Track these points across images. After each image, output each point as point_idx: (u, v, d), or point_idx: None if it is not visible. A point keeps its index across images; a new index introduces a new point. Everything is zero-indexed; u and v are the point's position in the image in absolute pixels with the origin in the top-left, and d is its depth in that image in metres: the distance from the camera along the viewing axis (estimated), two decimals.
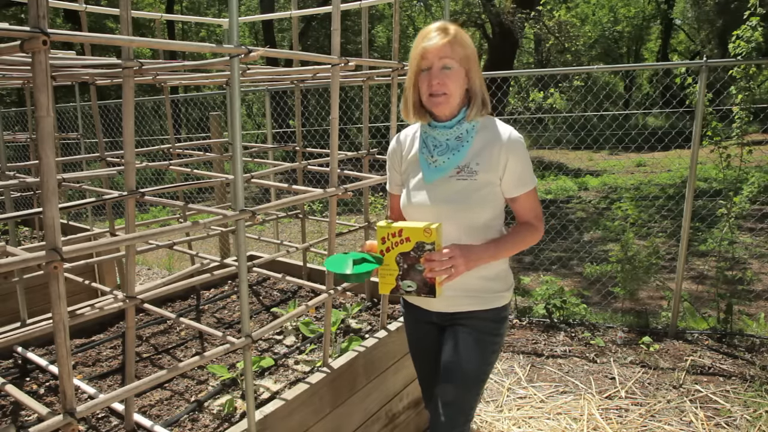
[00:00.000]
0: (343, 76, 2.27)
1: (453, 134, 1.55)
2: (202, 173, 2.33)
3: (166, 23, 18.42)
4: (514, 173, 1.52)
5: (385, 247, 1.45)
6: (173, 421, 1.77)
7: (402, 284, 1.46)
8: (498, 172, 1.52)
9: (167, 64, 1.79)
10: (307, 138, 10.03)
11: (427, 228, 1.40)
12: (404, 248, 1.43)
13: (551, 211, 7.67)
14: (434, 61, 1.48)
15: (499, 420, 2.75)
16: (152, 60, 1.84)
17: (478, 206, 1.52)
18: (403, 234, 1.43)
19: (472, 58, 1.51)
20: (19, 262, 0.96)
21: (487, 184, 1.52)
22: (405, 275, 1.45)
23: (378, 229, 1.46)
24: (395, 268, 1.46)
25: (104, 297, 2.34)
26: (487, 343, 1.63)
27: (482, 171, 1.52)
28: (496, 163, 1.51)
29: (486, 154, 1.52)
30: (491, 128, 1.56)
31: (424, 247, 1.41)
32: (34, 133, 3.19)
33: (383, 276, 1.48)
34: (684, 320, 3.82)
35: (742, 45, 3.42)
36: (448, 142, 1.56)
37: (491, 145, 1.52)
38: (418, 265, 1.43)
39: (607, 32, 23.03)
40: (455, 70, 1.48)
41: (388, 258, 1.46)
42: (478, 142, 1.55)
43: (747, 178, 3.70)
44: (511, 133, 1.54)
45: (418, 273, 1.43)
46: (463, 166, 1.54)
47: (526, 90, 14.85)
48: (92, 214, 4.99)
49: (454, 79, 1.49)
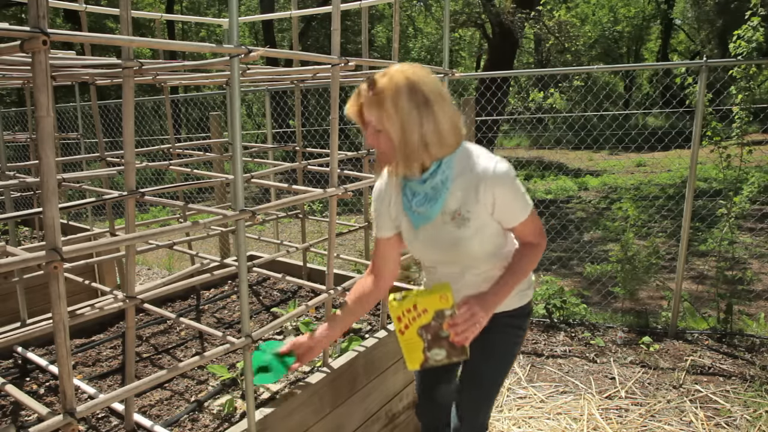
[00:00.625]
0: (343, 76, 2.27)
1: (428, 185, 1.46)
2: (202, 173, 2.33)
3: (166, 23, 18.42)
4: (505, 208, 1.45)
5: (403, 324, 1.41)
6: (173, 421, 1.77)
7: (430, 355, 1.43)
8: (488, 210, 1.45)
9: (167, 64, 1.79)
10: (307, 138, 10.03)
11: (442, 294, 1.37)
12: (424, 320, 1.39)
13: (551, 211, 7.67)
14: (359, 122, 1.41)
15: (499, 420, 2.75)
16: (152, 60, 1.84)
17: (481, 246, 1.50)
18: (419, 307, 1.38)
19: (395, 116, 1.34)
20: (19, 262, 0.96)
21: (482, 226, 1.47)
22: (431, 345, 1.41)
23: (391, 309, 1.41)
24: (419, 342, 1.42)
25: (104, 297, 2.34)
26: (510, 336, 1.66)
27: (474, 217, 1.45)
28: (483, 204, 1.43)
29: (472, 198, 1.43)
30: (472, 167, 1.43)
31: (444, 313, 1.38)
32: (34, 133, 3.19)
33: (409, 352, 1.44)
34: (684, 320, 3.82)
35: (743, 45, 3.42)
36: (426, 194, 1.47)
37: (474, 187, 1.42)
38: (442, 332, 1.40)
39: (607, 32, 23.02)
40: (383, 132, 1.37)
41: (409, 334, 1.41)
42: (459, 187, 1.44)
43: (747, 178, 3.70)
44: (495, 168, 1.41)
45: (444, 339, 1.40)
46: (454, 212, 1.46)
47: (526, 90, 14.86)
48: (92, 214, 4.98)
49: (382, 141, 1.39)
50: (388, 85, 1.34)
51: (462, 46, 22.10)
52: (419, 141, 1.37)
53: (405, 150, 1.37)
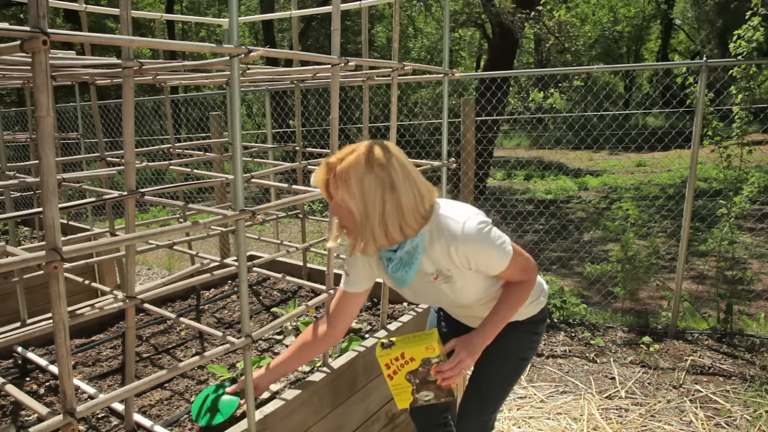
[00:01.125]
0: (343, 76, 2.27)
1: (399, 255, 1.45)
2: (202, 173, 2.33)
3: (166, 23, 18.42)
4: (483, 264, 1.44)
5: (392, 370, 1.45)
6: (173, 421, 1.77)
7: (419, 396, 1.47)
8: (467, 267, 1.44)
9: (167, 64, 1.79)
10: (307, 138, 10.03)
11: (429, 345, 1.40)
12: (411, 367, 1.43)
13: (551, 211, 7.68)
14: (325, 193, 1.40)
15: (499, 420, 2.75)
16: (152, 60, 1.84)
17: (469, 294, 1.52)
18: (407, 356, 1.42)
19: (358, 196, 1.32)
20: (19, 262, 0.96)
21: (467, 280, 1.48)
22: (419, 388, 1.46)
23: (379, 358, 1.45)
24: (408, 385, 1.47)
25: (104, 297, 2.34)
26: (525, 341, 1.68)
27: (456, 275, 1.46)
28: (461, 264, 1.43)
29: (447, 260, 1.43)
30: (440, 230, 1.41)
31: (431, 361, 1.42)
32: (34, 133, 3.19)
33: (398, 394, 1.49)
34: (684, 320, 3.82)
35: (743, 45, 3.42)
36: (401, 258, 1.45)
37: (446, 251, 1.41)
38: (429, 377, 1.44)
39: (607, 32, 23.02)
40: (343, 208, 1.36)
41: (397, 379, 1.46)
42: (431, 254, 1.43)
43: (747, 178, 3.70)
44: (464, 227, 1.38)
45: (432, 383, 1.44)
46: (436, 272, 1.47)
47: (526, 90, 14.86)
48: (92, 214, 4.98)
49: (344, 216, 1.37)
50: (355, 162, 1.32)
51: (462, 46, 22.09)
52: (379, 224, 1.35)
53: (364, 230, 1.36)
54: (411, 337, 1.46)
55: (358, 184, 1.31)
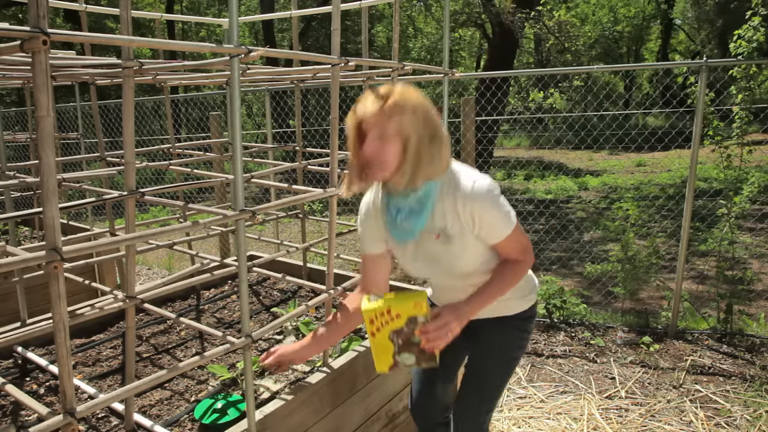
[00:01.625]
0: (343, 76, 2.27)
1: (413, 198, 1.47)
2: (202, 173, 2.33)
3: (166, 23, 18.42)
4: (487, 226, 1.45)
5: (375, 327, 1.40)
6: (173, 421, 1.77)
7: (400, 359, 1.43)
8: (471, 228, 1.46)
9: (167, 64, 1.79)
10: (307, 138, 10.03)
11: (417, 302, 1.36)
12: (396, 325, 1.39)
13: (551, 211, 7.68)
14: (369, 129, 1.38)
15: (499, 420, 2.75)
16: (152, 60, 1.84)
17: (468, 264, 1.52)
18: (393, 311, 1.38)
19: (412, 125, 1.37)
20: (19, 262, 0.96)
21: (466, 244, 1.48)
22: (401, 350, 1.42)
23: (364, 312, 1.41)
24: (390, 346, 1.42)
25: (104, 297, 2.34)
26: (514, 339, 1.67)
27: (457, 234, 1.46)
28: (466, 222, 1.45)
29: (454, 215, 1.45)
30: (455, 186, 1.45)
31: (417, 320, 1.38)
32: (34, 133, 3.19)
33: (378, 355, 1.44)
34: (684, 320, 3.82)
35: (744, 45, 3.42)
36: (411, 207, 1.48)
37: (454, 205, 1.44)
38: (414, 338, 1.40)
39: (607, 32, 23.02)
40: (391, 140, 1.37)
41: (380, 337, 1.41)
42: (441, 204, 1.47)
43: (747, 178, 3.70)
44: (474, 186, 1.43)
45: (415, 345, 1.40)
46: (440, 230, 1.48)
47: (526, 90, 14.85)
48: (92, 214, 4.98)
49: (390, 150, 1.38)
50: (408, 96, 1.38)
51: (462, 46, 22.09)
52: (427, 153, 1.40)
53: (415, 160, 1.39)
54: (399, 295, 1.42)
55: (413, 112, 1.37)
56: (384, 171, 1.41)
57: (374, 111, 1.37)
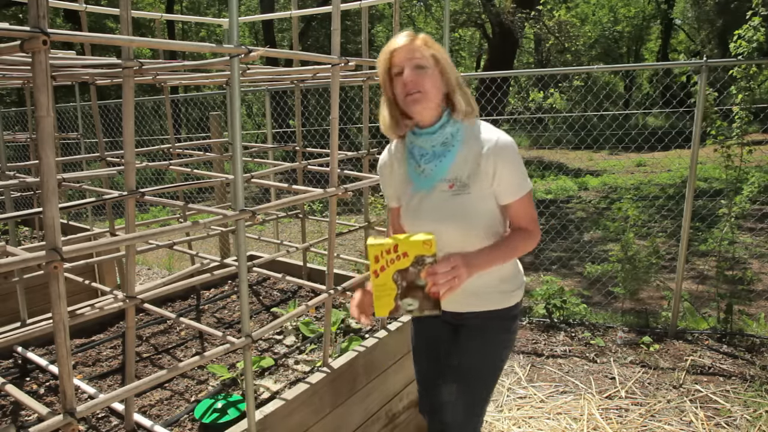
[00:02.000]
0: (343, 76, 2.27)
1: (438, 140, 1.50)
2: (202, 173, 2.33)
3: (166, 23, 18.42)
4: (505, 180, 1.47)
5: (380, 266, 1.35)
6: (173, 421, 1.77)
7: (402, 303, 1.37)
8: (489, 181, 1.47)
9: (167, 64, 1.79)
10: (307, 138, 10.03)
11: (426, 240, 1.32)
12: (402, 265, 1.34)
13: (551, 211, 7.68)
14: (404, 62, 1.44)
15: (499, 420, 2.75)
16: (152, 60, 1.84)
17: (476, 219, 1.50)
18: (400, 249, 1.33)
19: (443, 59, 1.48)
20: (19, 262, 0.96)
21: (481, 197, 1.49)
22: (404, 293, 1.36)
23: (369, 247, 1.35)
24: (393, 287, 1.36)
25: (104, 297, 2.34)
26: (498, 339, 1.64)
27: (474, 184, 1.48)
28: (485, 173, 1.47)
29: (474, 164, 1.48)
30: (478, 135, 1.50)
31: (425, 260, 1.33)
32: (34, 133, 3.19)
33: (379, 298, 1.38)
34: (684, 320, 3.82)
35: (744, 45, 3.42)
36: (434, 149, 1.51)
37: (478, 154, 1.47)
38: (419, 281, 1.34)
39: (607, 32, 23.02)
40: (428, 69, 1.45)
41: (383, 277, 1.35)
42: (465, 150, 1.50)
43: (747, 178, 3.70)
44: (499, 138, 1.48)
45: (420, 289, 1.35)
46: (455, 179, 1.49)
47: (526, 90, 14.84)
48: (92, 214, 4.99)
49: (427, 78, 1.45)
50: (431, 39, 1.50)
51: (462, 46, 22.09)
52: (461, 89, 1.50)
53: (448, 86, 1.48)
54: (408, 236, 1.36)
55: (440, 49, 1.49)
56: (424, 101, 1.46)
57: (408, 43, 1.45)
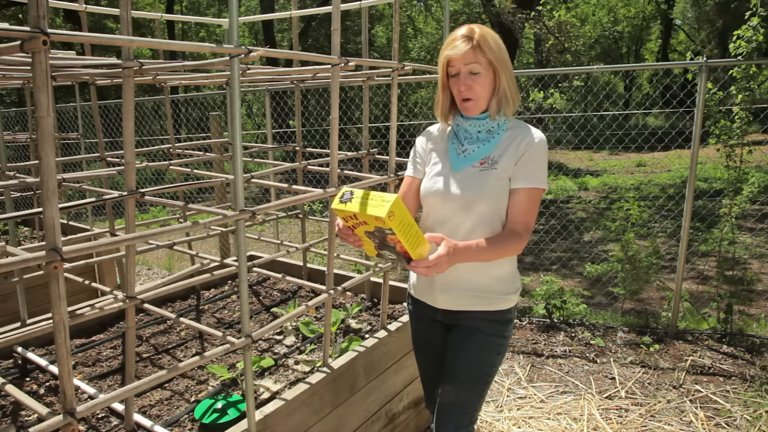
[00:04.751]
0: (343, 76, 2.27)
1: (484, 127, 1.61)
2: (202, 173, 2.33)
3: (166, 23, 18.43)
4: (526, 165, 1.55)
5: (351, 225, 1.39)
6: (173, 421, 1.77)
7: (383, 254, 1.44)
8: (514, 160, 1.56)
9: (167, 64, 1.79)
10: (307, 138, 10.03)
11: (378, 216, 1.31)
12: (367, 228, 1.38)
13: (551, 211, 7.67)
14: (460, 67, 1.53)
15: (499, 420, 2.75)
16: (152, 60, 1.84)
17: (494, 195, 1.55)
18: (359, 218, 1.35)
19: (497, 60, 1.54)
20: (19, 262, 0.96)
21: (503, 177, 1.56)
22: (380, 248, 1.42)
23: (334, 210, 1.38)
24: (369, 241, 1.42)
25: (104, 297, 2.34)
26: (492, 344, 1.63)
27: (503, 161, 1.56)
28: (514, 153, 1.56)
29: (511, 148, 1.58)
30: (521, 128, 1.61)
31: (384, 231, 1.35)
32: (34, 133, 3.19)
33: (364, 243, 1.45)
34: (684, 320, 3.82)
35: (743, 45, 3.42)
36: (479, 134, 1.61)
37: (517, 140, 1.58)
38: (388, 242, 1.37)
39: (607, 32, 23.02)
40: (482, 75, 1.54)
41: (359, 232, 1.41)
42: (507, 137, 1.60)
43: (747, 178, 3.70)
44: (537, 133, 1.60)
45: (392, 248, 1.38)
46: (487, 157, 1.58)
47: (526, 90, 14.84)
48: (92, 214, 4.99)
49: (480, 83, 1.54)
50: (489, 33, 1.56)
51: None
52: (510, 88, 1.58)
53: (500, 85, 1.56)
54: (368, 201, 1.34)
55: (498, 49, 1.54)
56: (476, 106, 1.57)
57: (464, 51, 1.51)
